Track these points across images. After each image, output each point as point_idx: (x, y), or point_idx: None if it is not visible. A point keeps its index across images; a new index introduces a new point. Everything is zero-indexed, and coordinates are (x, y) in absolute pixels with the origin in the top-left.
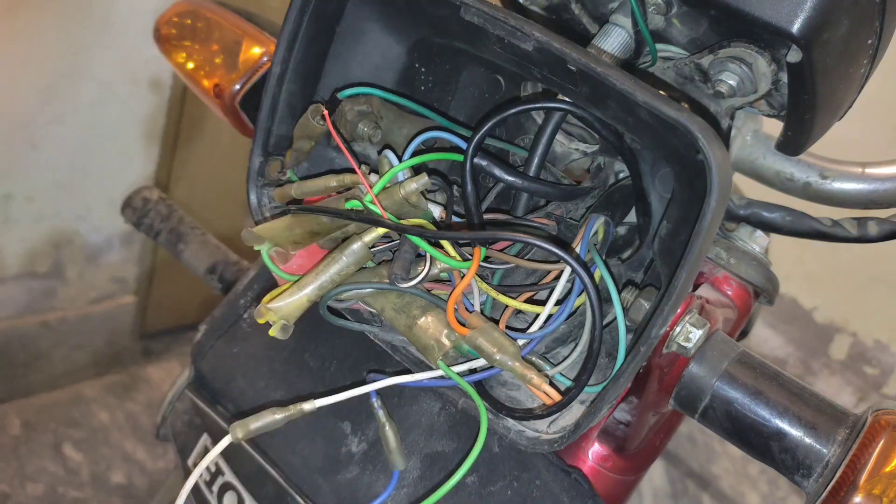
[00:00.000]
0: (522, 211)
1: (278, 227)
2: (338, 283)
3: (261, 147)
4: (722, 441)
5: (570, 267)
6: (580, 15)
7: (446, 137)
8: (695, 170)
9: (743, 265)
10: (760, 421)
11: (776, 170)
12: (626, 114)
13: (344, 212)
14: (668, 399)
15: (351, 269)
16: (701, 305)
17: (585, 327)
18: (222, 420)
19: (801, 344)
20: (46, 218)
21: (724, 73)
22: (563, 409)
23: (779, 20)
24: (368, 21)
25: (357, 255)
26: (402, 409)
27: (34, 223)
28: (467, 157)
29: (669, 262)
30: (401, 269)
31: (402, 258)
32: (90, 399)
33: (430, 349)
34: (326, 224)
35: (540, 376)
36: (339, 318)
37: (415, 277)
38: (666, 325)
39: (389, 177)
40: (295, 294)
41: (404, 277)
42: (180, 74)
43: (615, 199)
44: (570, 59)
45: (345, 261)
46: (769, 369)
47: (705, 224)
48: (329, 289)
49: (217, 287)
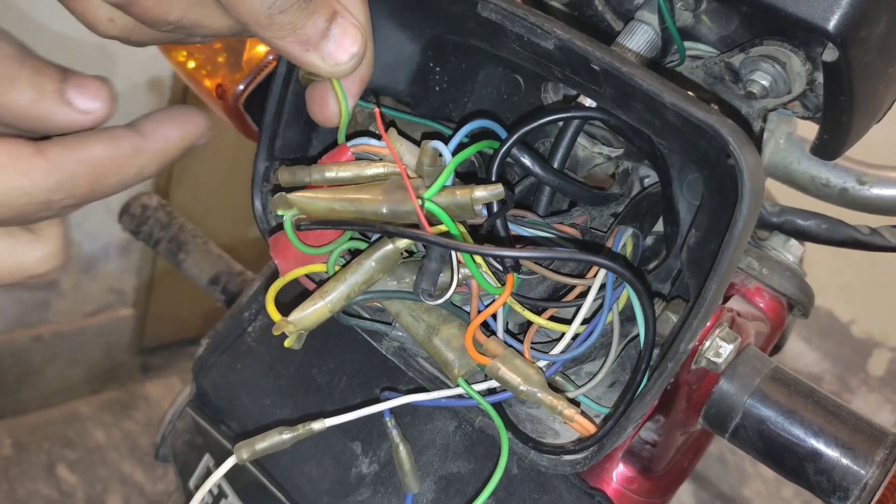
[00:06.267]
0: (544, 210)
1: (307, 197)
2: (364, 291)
3: (266, 151)
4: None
5: (632, 291)
6: (604, 11)
7: (495, 129)
8: (725, 175)
9: (776, 276)
10: (795, 441)
11: (811, 175)
12: (653, 116)
13: (384, 229)
14: (697, 417)
15: (379, 275)
16: (731, 319)
17: (613, 345)
18: (226, 440)
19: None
20: None
21: (755, 73)
22: (598, 445)
23: (814, 17)
24: (379, 17)
25: (389, 260)
26: (415, 427)
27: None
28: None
29: (698, 272)
30: (429, 284)
31: (429, 271)
32: (85, 417)
33: (449, 365)
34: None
35: (571, 407)
36: (349, 317)
37: (443, 294)
38: (695, 339)
39: (446, 177)
40: (317, 302)
41: (432, 294)
42: (181, 74)
43: (643, 208)
44: (593, 59)
45: (374, 267)
46: (804, 386)
47: (736, 232)
48: (354, 298)
49: (220, 299)
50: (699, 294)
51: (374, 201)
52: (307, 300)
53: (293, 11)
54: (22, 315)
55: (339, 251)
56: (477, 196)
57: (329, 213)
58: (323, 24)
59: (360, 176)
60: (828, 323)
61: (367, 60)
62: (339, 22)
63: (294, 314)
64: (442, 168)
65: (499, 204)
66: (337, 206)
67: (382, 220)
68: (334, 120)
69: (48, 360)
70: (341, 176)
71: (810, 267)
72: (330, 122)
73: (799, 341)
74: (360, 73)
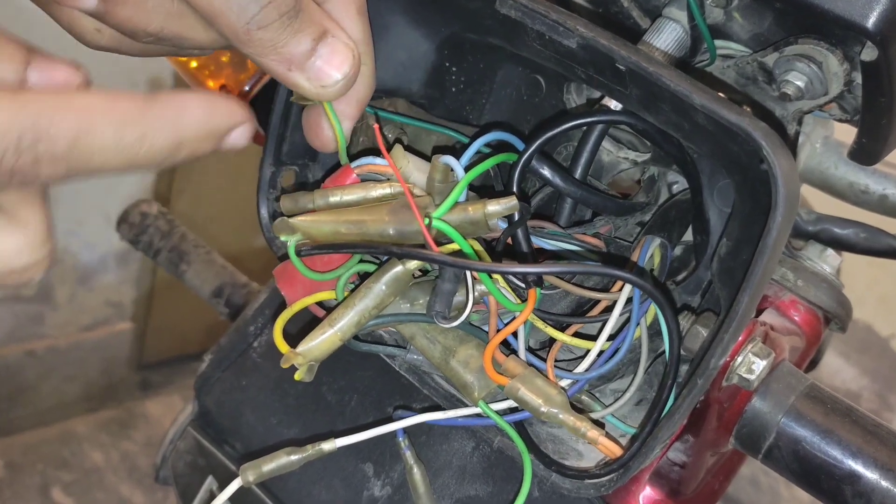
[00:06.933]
0: (566, 221)
1: (310, 221)
2: (375, 316)
3: (272, 155)
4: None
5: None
6: (630, 8)
7: (510, 141)
8: (758, 181)
9: (812, 287)
10: (832, 462)
11: (849, 181)
12: (682, 119)
13: (392, 250)
14: (729, 437)
15: (390, 298)
16: (765, 333)
17: (641, 362)
18: (230, 461)
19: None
20: None
21: (790, 73)
22: (624, 468)
23: (852, 14)
24: (392, 14)
25: (400, 282)
26: (430, 448)
27: None
28: (515, 171)
29: (730, 284)
30: (443, 306)
31: (443, 292)
32: (82, 437)
33: (469, 387)
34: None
35: (595, 428)
36: (360, 343)
37: (458, 316)
38: (726, 354)
39: (457, 195)
40: (326, 331)
41: (447, 316)
42: (182, 74)
43: (671, 216)
44: (618, 58)
45: (385, 290)
46: (841, 404)
47: (770, 241)
48: (365, 324)
49: (224, 312)
50: (730, 307)
51: (380, 222)
52: (316, 329)
53: (275, 28)
54: (14, 329)
55: (347, 276)
56: (490, 211)
57: (334, 237)
58: (308, 44)
59: (367, 199)
60: (866, 337)
61: (364, 80)
62: (329, 41)
63: (303, 345)
64: (454, 184)
65: (519, 214)
66: (342, 229)
67: (390, 242)
68: (330, 145)
69: (42, 377)
70: (346, 200)
71: (848, 278)
72: (326, 147)
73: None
74: (356, 93)
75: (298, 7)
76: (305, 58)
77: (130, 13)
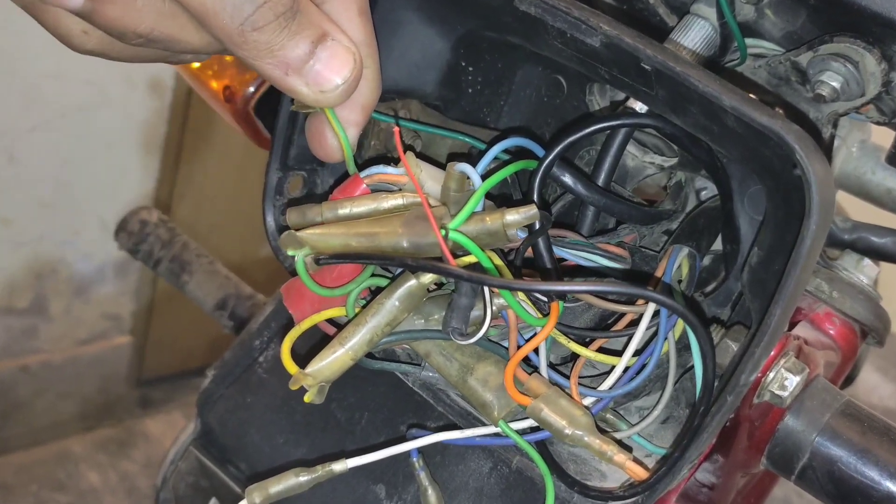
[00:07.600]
0: (589, 230)
1: (319, 234)
2: (388, 333)
3: (279, 160)
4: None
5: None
6: (656, 5)
7: (530, 147)
8: (791, 187)
9: (848, 299)
10: (869, 483)
11: (887, 187)
12: (711, 121)
13: (407, 263)
14: (760, 457)
15: (404, 314)
16: (798, 347)
17: (669, 378)
18: (234, 482)
19: None
20: (27, 243)
21: (825, 74)
22: (650, 490)
23: (890, 10)
24: (406, 10)
25: (414, 297)
26: (446, 469)
27: (12, 250)
28: (535, 178)
29: (761, 295)
30: (460, 321)
31: (459, 307)
32: (78, 457)
33: (488, 406)
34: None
35: (622, 452)
36: (372, 360)
37: (476, 332)
38: (757, 370)
39: (474, 205)
40: (337, 350)
41: (463, 332)
42: (184, 74)
43: (699, 224)
44: (643, 57)
45: (398, 306)
46: (879, 422)
47: (804, 251)
48: (377, 342)
49: (227, 325)
50: (762, 319)
51: (393, 234)
52: (326, 348)
53: (271, 30)
54: (7, 343)
55: (358, 291)
56: (509, 221)
57: (345, 250)
58: (306, 47)
59: (378, 210)
60: None
61: (368, 84)
62: (328, 44)
63: (312, 365)
64: (470, 193)
65: (539, 224)
66: (353, 242)
67: (404, 255)
68: (336, 155)
69: (36, 394)
70: (356, 212)
71: (886, 289)
72: (331, 157)
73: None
74: (360, 98)
75: (296, 8)
76: (303, 61)
77: (119, 13)
